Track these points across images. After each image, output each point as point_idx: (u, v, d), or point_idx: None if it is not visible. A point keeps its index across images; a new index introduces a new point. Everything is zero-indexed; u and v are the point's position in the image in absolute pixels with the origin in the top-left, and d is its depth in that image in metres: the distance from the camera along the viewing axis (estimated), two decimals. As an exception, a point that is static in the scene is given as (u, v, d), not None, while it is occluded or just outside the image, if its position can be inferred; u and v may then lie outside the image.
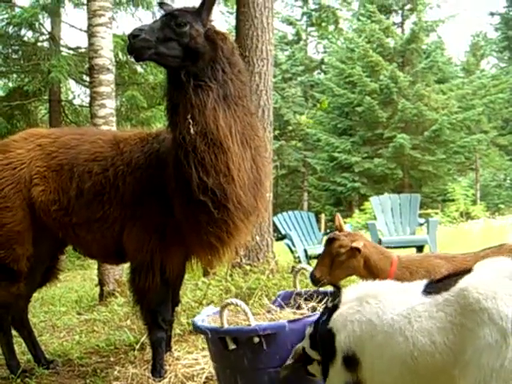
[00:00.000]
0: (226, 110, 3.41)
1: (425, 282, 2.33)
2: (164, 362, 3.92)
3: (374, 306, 2.36)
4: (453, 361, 2.02)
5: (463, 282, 2.09)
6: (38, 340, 4.69)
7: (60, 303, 7.42)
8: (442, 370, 2.06)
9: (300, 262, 7.65)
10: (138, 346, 4.46)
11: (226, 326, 2.93)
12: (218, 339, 2.94)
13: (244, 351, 2.85)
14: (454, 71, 33.27)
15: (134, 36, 3.31)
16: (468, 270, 2.18)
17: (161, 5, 3.76)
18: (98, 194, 3.91)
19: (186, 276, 4.40)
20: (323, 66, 35.43)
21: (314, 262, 7.74)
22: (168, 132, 3.68)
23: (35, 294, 8.01)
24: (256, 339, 2.79)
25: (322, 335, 2.57)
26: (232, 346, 2.86)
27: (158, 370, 3.87)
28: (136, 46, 3.34)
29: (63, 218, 4.01)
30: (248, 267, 6.33)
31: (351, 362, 2.38)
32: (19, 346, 4.76)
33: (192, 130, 3.35)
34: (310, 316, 2.99)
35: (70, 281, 10.71)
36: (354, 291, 2.55)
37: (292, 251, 8.20)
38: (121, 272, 6.88)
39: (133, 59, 3.60)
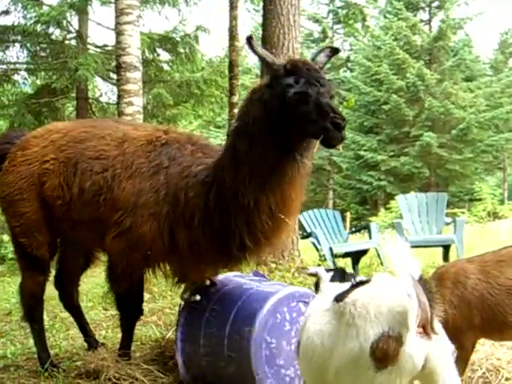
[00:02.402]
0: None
1: (347, 285, 2.37)
2: None
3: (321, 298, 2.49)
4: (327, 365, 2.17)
5: (350, 296, 2.16)
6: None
7: (87, 298, 7.45)
8: (324, 371, 2.18)
9: (325, 260, 7.62)
10: (163, 342, 4.49)
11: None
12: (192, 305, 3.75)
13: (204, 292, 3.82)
14: (482, 69, 32.90)
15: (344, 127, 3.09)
16: (366, 281, 2.23)
17: (249, 40, 3.28)
18: (95, 194, 3.88)
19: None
20: (349, 64, 35.27)
21: (340, 261, 7.75)
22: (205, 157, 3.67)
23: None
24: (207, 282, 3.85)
25: None
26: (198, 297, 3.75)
27: None
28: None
29: (66, 213, 4.08)
30: (273, 265, 6.34)
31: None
32: (47, 339, 4.81)
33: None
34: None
35: (97, 276, 10.73)
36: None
37: (317, 249, 8.17)
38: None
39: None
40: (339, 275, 2.66)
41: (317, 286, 2.66)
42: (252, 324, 3.36)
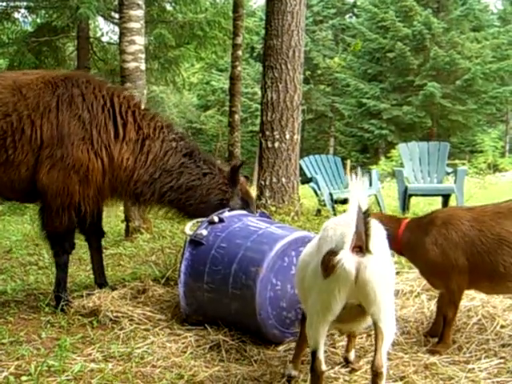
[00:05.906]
0: None
1: None
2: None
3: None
4: None
5: (329, 223, 2.65)
6: None
7: (80, 237, 7.52)
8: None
9: (325, 205, 7.63)
10: (163, 281, 4.52)
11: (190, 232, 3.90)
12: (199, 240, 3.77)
13: (211, 228, 3.82)
14: (490, 20, 32.40)
15: None
16: None
17: None
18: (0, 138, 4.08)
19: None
20: (355, 10, 34.69)
21: (339, 206, 7.76)
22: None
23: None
24: (215, 218, 3.88)
25: None
26: (205, 232, 3.79)
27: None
28: None
29: None
30: (273, 208, 6.36)
31: None
32: (47, 276, 4.83)
33: None
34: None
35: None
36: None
37: (317, 194, 8.18)
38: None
39: None
40: None
41: None
42: (260, 264, 3.39)
